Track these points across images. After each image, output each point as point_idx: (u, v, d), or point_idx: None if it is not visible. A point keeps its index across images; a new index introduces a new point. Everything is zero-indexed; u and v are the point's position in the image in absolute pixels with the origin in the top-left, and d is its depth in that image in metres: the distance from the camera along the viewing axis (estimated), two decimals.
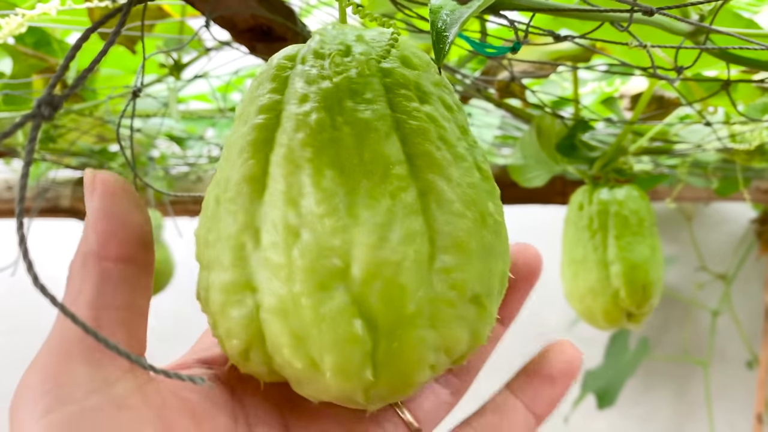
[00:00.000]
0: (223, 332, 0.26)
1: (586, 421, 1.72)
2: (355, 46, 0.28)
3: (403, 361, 0.25)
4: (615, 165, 0.60)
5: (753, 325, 1.59)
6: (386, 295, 0.24)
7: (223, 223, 0.26)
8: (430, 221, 0.25)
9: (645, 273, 0.57)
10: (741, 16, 0.46)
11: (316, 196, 0.25)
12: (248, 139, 0.27)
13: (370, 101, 0.26)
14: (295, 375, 0.25)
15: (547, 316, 1.76)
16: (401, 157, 0.26)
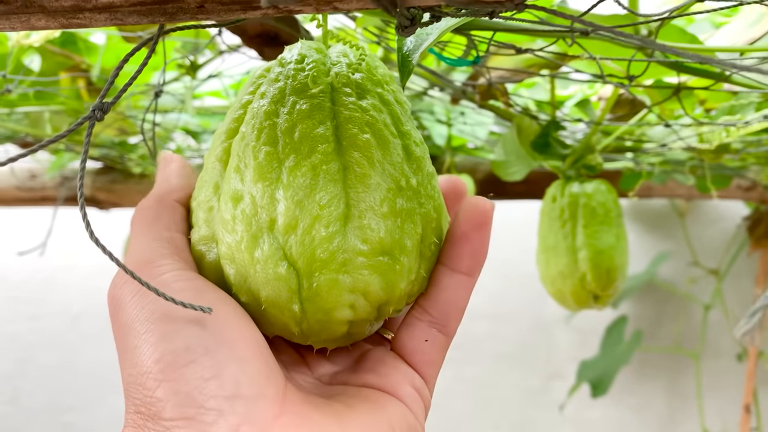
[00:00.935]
0: (204, 276, 0.34)
1: (582, 411, 1.79)
2: (308, 56, 0.35)
3: (322, 298, 0.31)
4: (584, 161, 0.66)
5: None
6: (304, 243, 0.31)
7: (202, 193, 0.35)
8: (347, 188, 0.32)
9: (609, 258, 0.64)
10: (685, 31, 0.52)
11: (254, 167, 0.32)
12: (223, 129, 0.36)
13: (313, 96, 0.33)
14: (248, 311, 0.32)
15: (545, 307, 1.83)
16: (330, 138, 0.33)
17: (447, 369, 1.74)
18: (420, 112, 1.05)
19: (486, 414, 1.85)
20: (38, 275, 2.09)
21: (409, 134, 0.36)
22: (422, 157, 0.36)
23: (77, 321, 2.06)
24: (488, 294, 1.86)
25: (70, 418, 2.04)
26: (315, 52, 0.35)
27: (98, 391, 2.03)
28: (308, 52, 0.35)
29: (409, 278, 0.34)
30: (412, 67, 0.34)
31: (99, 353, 2.04)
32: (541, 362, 1.83)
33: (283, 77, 0.34)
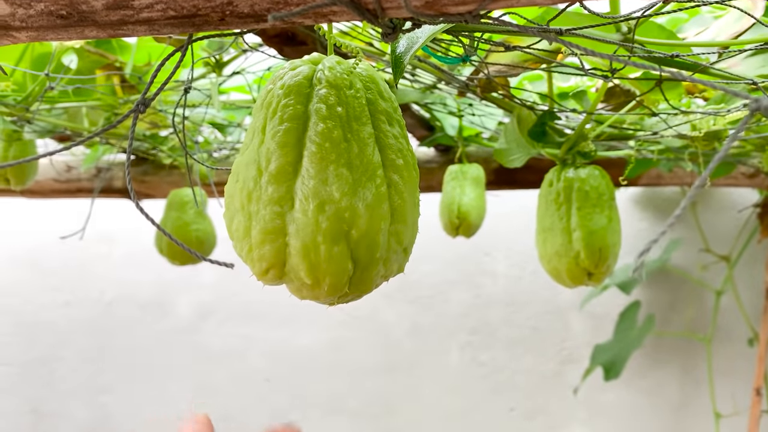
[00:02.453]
0: (256, 256, 0.40)
1: (596, 394, 1.83)
2: (355, 82, 0.41)
3: (365, 283, 0.41)
4: (578, 148, 0.71)
5: (755, 305, 1.67)
6: (368, 247, 0.39)
7: (267, 191, 0.40)
8: (392, 203, 0.41)
9: (601, 238, 0.69)
10: (664, 27, 0.57)
11: (337, 184, 0.39)
12: (285, 137, 0.40)
13: (364, 123, 0.40)
14: (303, 285, 0.39)
15: (558, 294, 1.87)
16: (380, 163, 0.41)
17: (463, 354, 1.81)
18: (432, 105, 1.10)
19: (501, 397, 1.90)
20: (73, 264, 2.19)
21: (412, 153, 0.43)
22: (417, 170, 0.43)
23: (110, 308, 2.16)
24: (503, 281, 1.91)
25: (105, 400, 2.14)
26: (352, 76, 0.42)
27: (131, 373, 2.13)
28: (350, 75, 0.42)
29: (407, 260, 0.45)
30: (404, 66, 0.40)
31: (131, 338, 2.13)
32: (556, 347, 1.88)
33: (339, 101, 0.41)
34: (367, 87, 0.41)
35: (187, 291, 2.11)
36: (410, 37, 0.41)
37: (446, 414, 1.94)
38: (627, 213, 1.84)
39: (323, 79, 0.40)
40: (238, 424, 2.06)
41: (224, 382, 2.07)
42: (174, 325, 2.11)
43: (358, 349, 2.00)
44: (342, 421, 1.99)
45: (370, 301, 1.98)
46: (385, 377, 1.98)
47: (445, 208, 1.13)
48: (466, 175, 1.12)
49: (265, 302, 2.06)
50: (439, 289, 1.97)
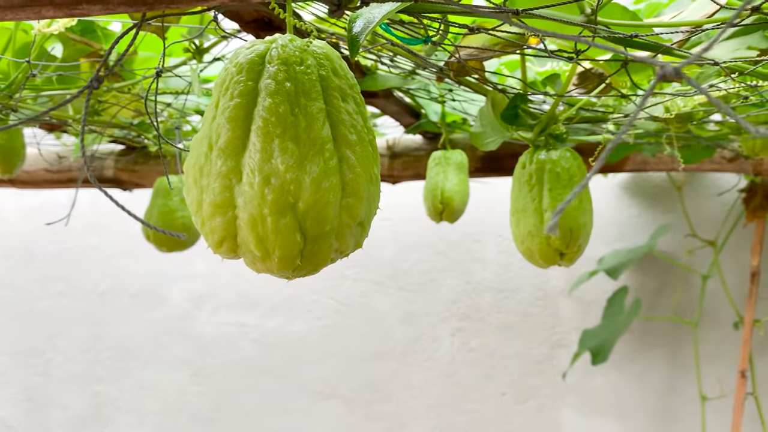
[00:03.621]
0: (208, 229, 0.41)
1: (585, 378, 1.85)
2: (306, 59, 0.42)
3: (317, 257, 0.42)
4: (550, 131, 0.72)
5: (741, 289, 1.69)
6: (316, 220, 0.41)
7: (216, 164, 0.41)
8: (343, 177, 0.42)
9: (572, 219, 0.70)
10: (627, 9, 0.58)
11: (282, 157, 0.40)
12: (234, 112, 0.41)
13: (314, 99, 0.41)
14: (254, 258, 0.40)
15: (547, 280, 1.89)
16: (330, 137, 0.42)
17: (454, 340, 1.83)
18: (415, 91, 1.11)
19: (492, 382, 1.92)
20: (67, 255, 2.20)
21: (370, 130, 0.45)
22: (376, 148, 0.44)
23: (104, 297, 2.18)
24: (493, 268, 1.93)
25: (99, 389, 2.16)
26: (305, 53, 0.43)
27: (124, 363, 2.14)
28: (303, 52, 0.43)
29: (366, 236, 0.46)
30: (359, 45, 0.41)
31: (124, 328, 2.15)
32: (545, 332, 1.89)
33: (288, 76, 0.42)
34: (321, 64, 0.42)
35: (180, 280, 2.13)
36: (367, 17, 0.42)
37: (438, 399, 1.96)
38: (616, 199, 1.85)
39: (275, 57, 0.41)
40: (232, 410, 2.08)
41: (218, 370, 2.09)
42: (167, 314, 2.13)
43: (351, 336, 2.02)
44: (334, 407, 2.01)
45: (362, 288, 2.00)
46: (377, 364, 2.00)
47: (428, 194, 1.14)
48: (449, 161, 1.13)
49: (257, 290, 2.07)
50: (430, 277, 1.98)
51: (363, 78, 0.95)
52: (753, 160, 1.20)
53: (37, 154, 1.59)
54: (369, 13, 0.41)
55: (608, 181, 1.84)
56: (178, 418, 2.11)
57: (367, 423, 2.00)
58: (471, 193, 1.20)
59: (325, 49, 0.43)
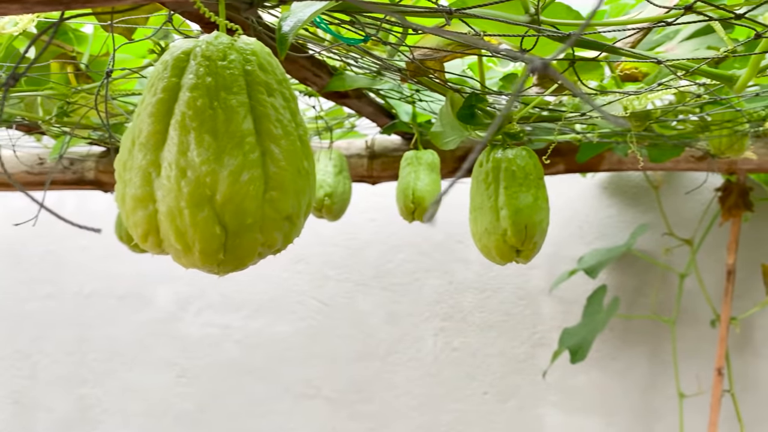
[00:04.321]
0: (132, 223, 0.42)
1: (567, 377, 1.86)
2: (230, 54, 0.43)
3: (241, 250, 0.42)
4: (506, 130, 0.73)
5: (718, 287, 1.70)
6: (235, 212, 0.41)
7: (137, 158, 0.42)
8: (266, 171, 0.42)
9: (527, 216, 0.71)
10: (571, 9, 0.59)
11: (198, 150, 0.40)
12: (156, 107, 0.42)
13: (236, 93, 0.42)
14: (177, 252, 0.41)
15: (529, 280, 1.90)
16: (252, 131, 0.42)
17: (437, 339, 1.84)
18: (387, 91, 1.12)
19: (474, 382, 1.93)
20: (53, 257, 2.21)
21: (301, 125, 0.45)
22: (308, 143, 0.45)
23: (90, 300, 2.18)
24: (475, 268, 1.94)
25: (85, 391, 2.16)
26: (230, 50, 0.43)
27: (110, 365, 2.15)
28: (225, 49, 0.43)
29: (298, 233, 0.46)
30: (288, 43, 0.42)
31: (110, 330, 2.16)
32: (527, 331, 1.90)
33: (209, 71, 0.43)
34: (247, 59, 0.43)
35: (165, 282, 2.13)
36: (297, 16, 0.43)
37: (421, 399, 1.97)
38: (596, 199, 1.87)
39: (198, 53, 0.42)
40: (217, 411, 2.08)
41: (202, 371, 2.10)
42: (153, 316, 2.14)
43: (334, 336, 2.03)
44: (318, 407, 2.02)
45: (346, 289, 2.01)
46: (360, 364, 2.01)
47: (400, 193, 1.15)
48: (420, 161, 1.14)
49: (242, 292, 2.08)
50: (414, 277, 1.99)
51: (331, 78, 0.96)
52: (720, 159, 1.22)
53: (20, 156, 1.60)
54: (299, 12, 0.42)
55: (588, 181, 1.85)
56: (163, 419, 2.12)
57: (350, 423, 2.01)
58: (453, 194, 1.21)
59: (252, 45, 0.44)
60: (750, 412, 1.68)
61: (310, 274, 2.04)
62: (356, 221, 2.02)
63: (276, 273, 2.05)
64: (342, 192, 1.30)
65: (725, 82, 0.64)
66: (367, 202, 2.01)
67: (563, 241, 1.88)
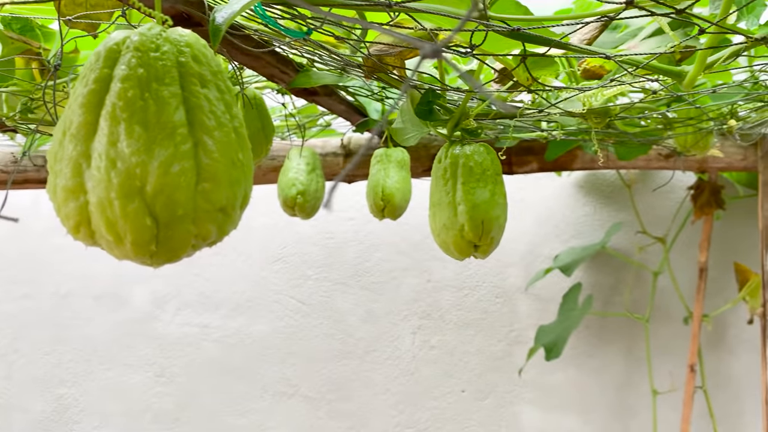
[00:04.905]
0: (63, 215, 0.42)
1: (544, 374, 1.87)
2: (163, 45, 0.43)
3: (174, 241, 0.42)
4: (462, 126, 0.74)
5: (691, 284, 1.72)
6: (166, 204, 0.40)
7: (67, 149, 0.42)
8: (199, 162, 0.42)
9: (484, 211, 0.72)
10: (520, 4, 0.60)
11: (128, 141, 0.40)
12: (87, 98, 0.42)
13: (168, 84, 0.41)
14: (109, 243, 0.41)
15: (506, 278, 1.91)
16: (184, 122, 0.42)
17: (415, 338, 1.85)
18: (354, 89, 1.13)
19: (452, 380, 1.93)
20: (30, 257, 2.19)
21: (236, 117, 0.45)
22: (244, 135, 0.44)
23: (67, 300, 2.16)
24: (453, 266, 1.94)
25: (62, 391, 2.15)
26: (163, 41, 0.43)
27: (87, 365, 2.14)
28: (159, 41, 0.43)
29: (234, 225, 0.46)
30: (221, 35, 0.42)
31: (88, 330, 2.14)
32: (504, 329, 1.91)
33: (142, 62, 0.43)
34: (180, 51, 0.43)
35: (142, 281, 2.12)
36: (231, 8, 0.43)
37: (399, 397, 1.97)
38: (572, 198, 1.88)
39: (131, 45, 0.42)
40: (196, 410, 2.08)
41: (181, 370, 2.09)
42: (130, 316, 2.13)
43: (313, 335, 2.02)
44: (296, 406, 2.02)
45: (325, 288, 2.01)
46: (339, 363, 2.01)
47: (370, 191, 1.15)
48: (390, 159, 1.14)
49: (219, 291, 2.07)
50: (392, 276, 2.00)
51: (296, 75, 0.96)
52: (687, 157, 1.23)
53: None
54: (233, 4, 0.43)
55: (563, 180, 1.86)
56: (141, 419, 2.11)
57: (329, 422, 2.01)
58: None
59: (187, 37, 0.44)
60: (722, 408, 1.69)
61: (288, 274, 2.04)
62: (334, 220, 2.02)
63: (254, 272, 2.05)
64: (315, 190, 1.30)
65: (675, 77, 0.64)
66: (345, 201, 2.01)
67: (540, 240, 1.89)
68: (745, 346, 1.73)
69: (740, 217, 1.72)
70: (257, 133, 1.03)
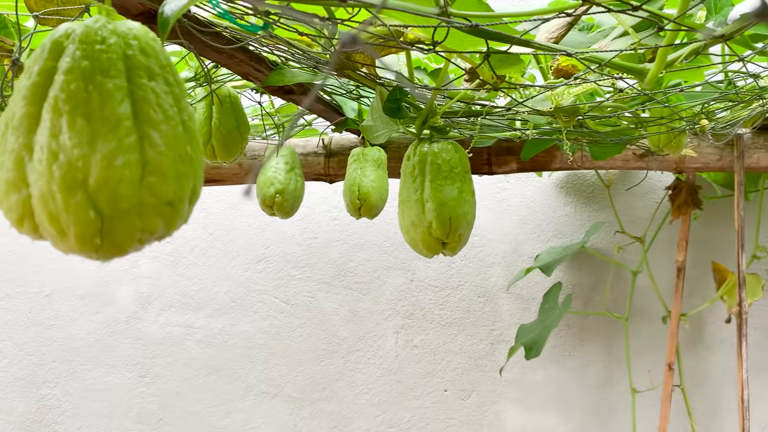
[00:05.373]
0: (6, 208, 0.42)
1: (526, 373, 1.88)
2: (109, 38, 0.43)
3: (118, 235, 0.41)
4: (430, 123, 0.74)
5: (669, 283, 1.73)
6: (109, 197, 0.40)
7: (9, 141, 0.42)
8: (144, 155, 0.42)
9: (451, 209, 0.72)
10: (482, 1, 0.60)
11: (70, 134, 0.40)
12: (31, 90, 0.42)
13: (113, 77, 0.42)
14: (53, 237, 0.41)
15: (488, 277, 1.92)
16: (129, 115, 0.42)
17: (399, 337, 1.86)
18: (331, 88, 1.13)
19: (435, 379, 1.94)
20: (12, 257, 2.18)
21: (185, 110, 0.44)
22: (193, 129, 0.45)
23: (50, 299, 2.16)
24: (436, 266, 1.95)
25: (45, 392, 2.14)
26: (110, 34, 0.43)
27: (70, 365, 2.13)
28: (106, 33, 0.43)
29: (183, 219, 0.45)
30: (169, 26, 0.42)
31: (70, 330, 2.14)
32: (486, 328, 1.92)
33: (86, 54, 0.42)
34: (128, 43, 0.43)
35: (126, 281, 2.12)
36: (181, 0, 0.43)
37: (382, 397, 1.97)
38: (552, 198, 1.89)
39: (76, 37, 0.42)
40: (180, 411, 2.07)
41: (164, 370, 2.09)
42: (114, 316, 2.12)
43: (296, 335, 2.03)
44: (280, 406, 2.02)
45: (309, 288, 2.01)
46: (322, 362, 2.01)
47: (347, 190, 1.16)
48: (366, 158, 1.15)
49: (204, 291, 2.07)
50: (376, 275, 2.00)
51: (270, 72, 0.96)
52: (661, 156, 1.24)
53: None
54: None
55: (544, 180, 1.87)
56: (124, 419, 2.10)
57: (313, 421, 2.01)
58: None
59: (135, 29, 0.44)
60: (700, 406, 1.71)
61: (272, 273, 2.04)
62: (318, 220, 2.02)
63: (238, 272, 2.05)
64: (294, 189, 1.30)
65: (637, 75, 0.65)
66: (328, 201, 2.02)
67: (521, 240, 1.90)
68: (723, 345, 1.74)
69: (718, 216, 1.73)
70: (232, 131, 1.03)
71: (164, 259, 2.09)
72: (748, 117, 1.15)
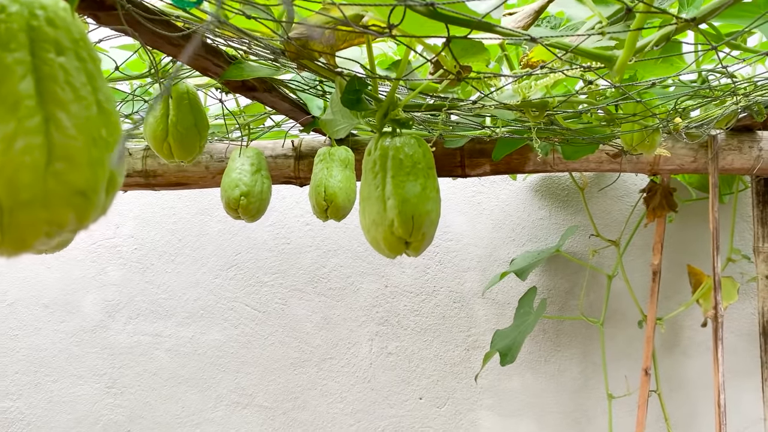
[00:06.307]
0: None
1: (501, 380, 1.85)
2: (9, 6, 0.38)
3: (20, 229, 0.37)
4: (392, 116, 0.71)
5: (644, 287, 1.71)
6: (8, 186, 0.36)
7: None
8: (50, 139, 0.37)
9: (414, 206, 0.69)
10: None
11: None
12: None
13: (13, 50, 0.37)
14: None
15: (463, 282, 1.88)
16: (32, 93, 0.37)
17: (373, 344, 1.81)
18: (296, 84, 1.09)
19: (410, 386, 1.90)
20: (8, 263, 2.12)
21: (100, 90, 0.40)
22: (110, 110, 0.40)
23: (13, 308, 2.09)
24: (410, 271, 1.92)
25: (7, 404, 2.06)
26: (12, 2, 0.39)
27: (34, 376, 2.06)
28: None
29: (100, 211, 0.41)
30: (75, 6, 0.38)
31: (34, 340, 2.07)
32: (462, 335, 1.89)
33: None
34: (33, 14, 0.39)
35: (92, 289, 2.06)
36: None
37: (356, 405, 1.93)
38: (527, 202, 1.86)
39: None
40: (148, 422, 2.01)
41: (132, 381, 2.03)
42: (80, 325, 2.06)
43: (268, 343, 1.98)
44: (251, 415, 1.96)
45: (281, 295, 1.96)
46: (295, 371, 1.96)
47: (313, 191, 1.12)
48: (333, 157, 1.11)
49: (172, 299, 2.02)
50: (349, 281, 1.96)
51: (228, 67, 0.92)
52: (634, 156, 1.22)
53: None
54: None
55: (519, 184, 1.84)
56: (91, 431, 2.04)
57: (285, 431, 1.96)
58: None
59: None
60: (676, 410, 1.69)
61: (242, 280, 1.99)
62: (290, 225, 1.98)
63: (208, 279, 2.00)
64: (260, 191, 1.26)
65: (605, 62, 0.62)
66: (301, 206, 1.97)
67: (496, 244, 1.87)
68: (699, 349, 1.73)
69: (692, 219, 1.72)
70: (190, 128, 0.99)
71: (132, 266, 2.03)
72: (721, 116, 1.13)
